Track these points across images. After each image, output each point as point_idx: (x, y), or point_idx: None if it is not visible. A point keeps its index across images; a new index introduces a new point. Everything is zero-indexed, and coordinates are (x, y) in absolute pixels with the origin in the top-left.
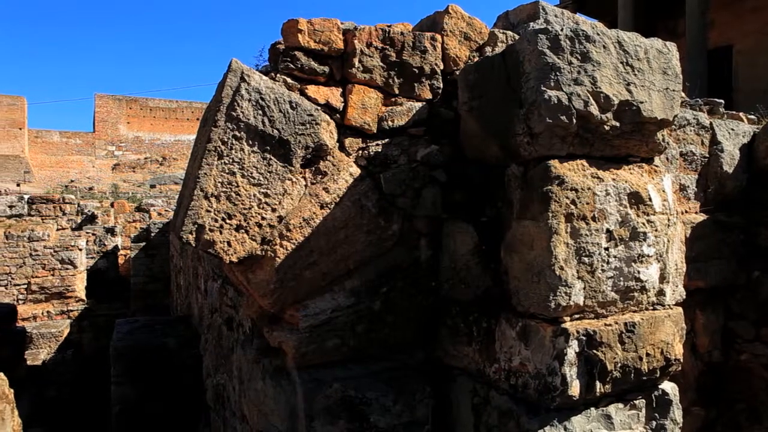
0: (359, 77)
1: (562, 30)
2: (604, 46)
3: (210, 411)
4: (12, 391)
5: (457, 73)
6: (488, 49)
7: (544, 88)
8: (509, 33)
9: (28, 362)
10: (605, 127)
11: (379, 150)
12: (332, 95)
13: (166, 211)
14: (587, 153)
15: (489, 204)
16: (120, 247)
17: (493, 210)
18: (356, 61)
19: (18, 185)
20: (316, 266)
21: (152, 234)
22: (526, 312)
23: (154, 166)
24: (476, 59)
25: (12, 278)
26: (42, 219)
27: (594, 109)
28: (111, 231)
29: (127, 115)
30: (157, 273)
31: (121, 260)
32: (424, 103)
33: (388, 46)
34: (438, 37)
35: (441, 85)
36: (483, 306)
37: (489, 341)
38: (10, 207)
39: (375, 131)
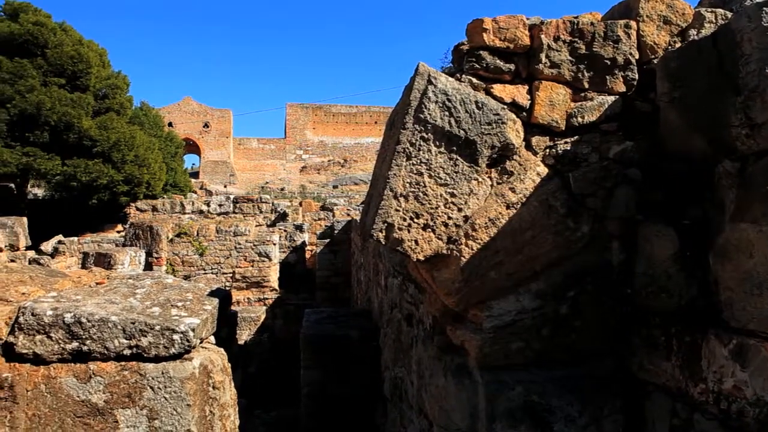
0: (546, 73)
1: None
2: None
3: (387, 402)
4: (229, 365)
5: (655, 61)
6: (692, 32)
7: None
8: (719, 11)
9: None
10: None
11: (568, 148)
12: (518, 93)
13: (348, 210)
14: None
15: (692, 204)
16: (307, 243)
17: (697, 211)
18: (543, 56)
19: (225, 186)
20: (501, 267)
21: (335, 231)
22: (743, 328)
23: (336, 168)
24: (678, 45)
25: (221, 268)
26: (243, 216)
27: None
28: (299, 228)
29: (312, 121)
30: (339, 267)
31: (307, 255)
32: (617, 96)
33: (576, 39)
34: (632, 24)
35: (636, 77)
36: (686, 318)
37: (693, 358)
38: (220, 206)
39: (563, 129)
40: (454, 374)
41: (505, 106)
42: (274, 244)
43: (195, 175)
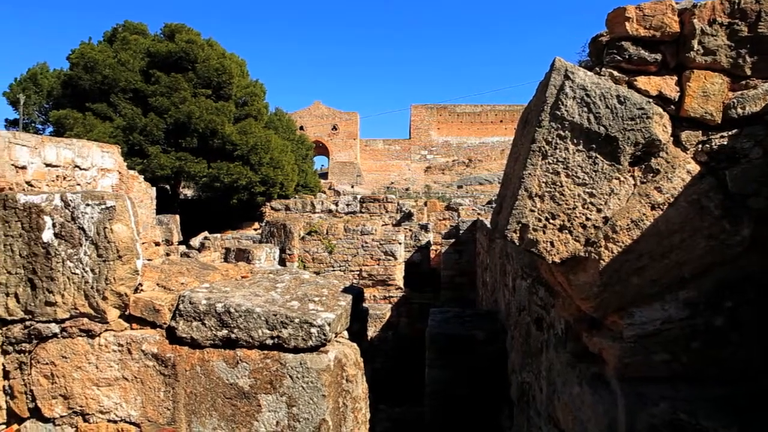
0: (699, 61)
1: None
2: None
3: (513, 406)
4: (362, 360)
5: None
6: None
7: None
8: None
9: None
10: None
11: (724, 143)
12: (665, 85)
13: (473, 210)
14: None
15: None
16: (431, 242)
17: None
18: (695, 43)
19: (352, 186)
20: (644, 272)
21: (460, 231)
22: None
23: (461, 168)
24: None
25: (348, 265)
26: (370, 215)
27: None
28: (424, 228)
29: (437, 122)
30: (464, 267)
31: (432, 254)
32: None
33: (737, 20)
34: None
35: None
36: None
37: None
38: (347, 205)
39: (719, 122)
40: (589, 383)
41: (651, 100)
42: (400, 243)
43: (324, 176)
